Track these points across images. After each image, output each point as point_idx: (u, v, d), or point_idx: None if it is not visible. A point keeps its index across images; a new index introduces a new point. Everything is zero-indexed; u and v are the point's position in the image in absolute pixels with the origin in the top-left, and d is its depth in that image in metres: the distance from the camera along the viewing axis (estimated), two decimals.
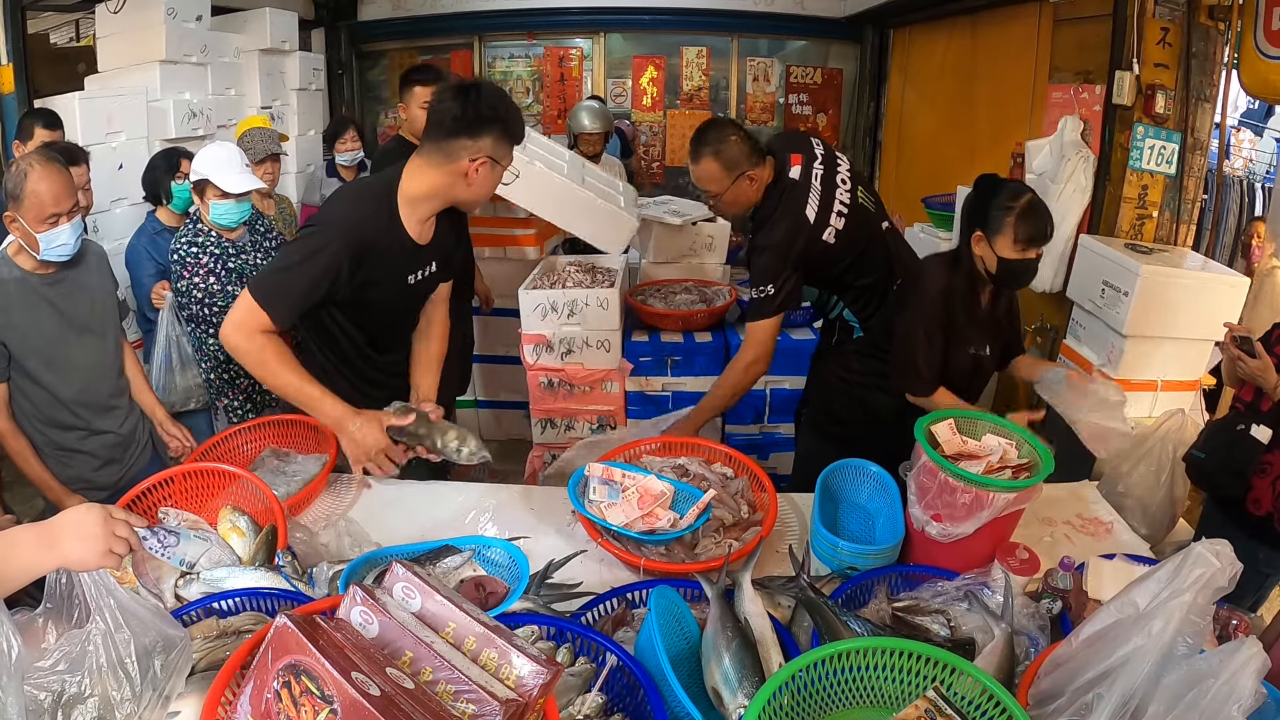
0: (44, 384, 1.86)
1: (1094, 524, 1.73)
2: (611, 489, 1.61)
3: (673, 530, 1.52)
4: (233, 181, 2.26)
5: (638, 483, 1.60)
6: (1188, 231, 2.86)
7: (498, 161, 1.61)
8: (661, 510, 1.56)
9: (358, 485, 1.79)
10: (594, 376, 3.04)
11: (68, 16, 4.49)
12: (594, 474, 1.64)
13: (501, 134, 1.59)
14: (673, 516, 1.55)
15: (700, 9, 5.37)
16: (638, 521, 1.52)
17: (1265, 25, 2.33)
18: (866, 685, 1.07)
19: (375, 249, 1.61)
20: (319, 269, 1.55)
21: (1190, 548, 0.96)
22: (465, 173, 1.59)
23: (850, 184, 2.13)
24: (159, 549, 1.30)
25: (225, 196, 2.27)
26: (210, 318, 2.30)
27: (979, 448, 1.46)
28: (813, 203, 2.05)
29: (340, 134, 3.82)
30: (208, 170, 2.25)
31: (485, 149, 1.58)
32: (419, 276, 1.76)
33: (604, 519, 1.52)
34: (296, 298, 1.56)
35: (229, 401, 2.42)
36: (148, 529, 1.22)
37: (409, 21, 5.46)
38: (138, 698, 1.06)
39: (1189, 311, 2.44)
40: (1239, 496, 1.96)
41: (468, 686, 0.86)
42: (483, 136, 1.57)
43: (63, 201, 1.72)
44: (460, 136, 1.56)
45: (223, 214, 2.29)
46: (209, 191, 2.27)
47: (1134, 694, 0.92)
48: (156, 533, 1.30)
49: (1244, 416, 2.00)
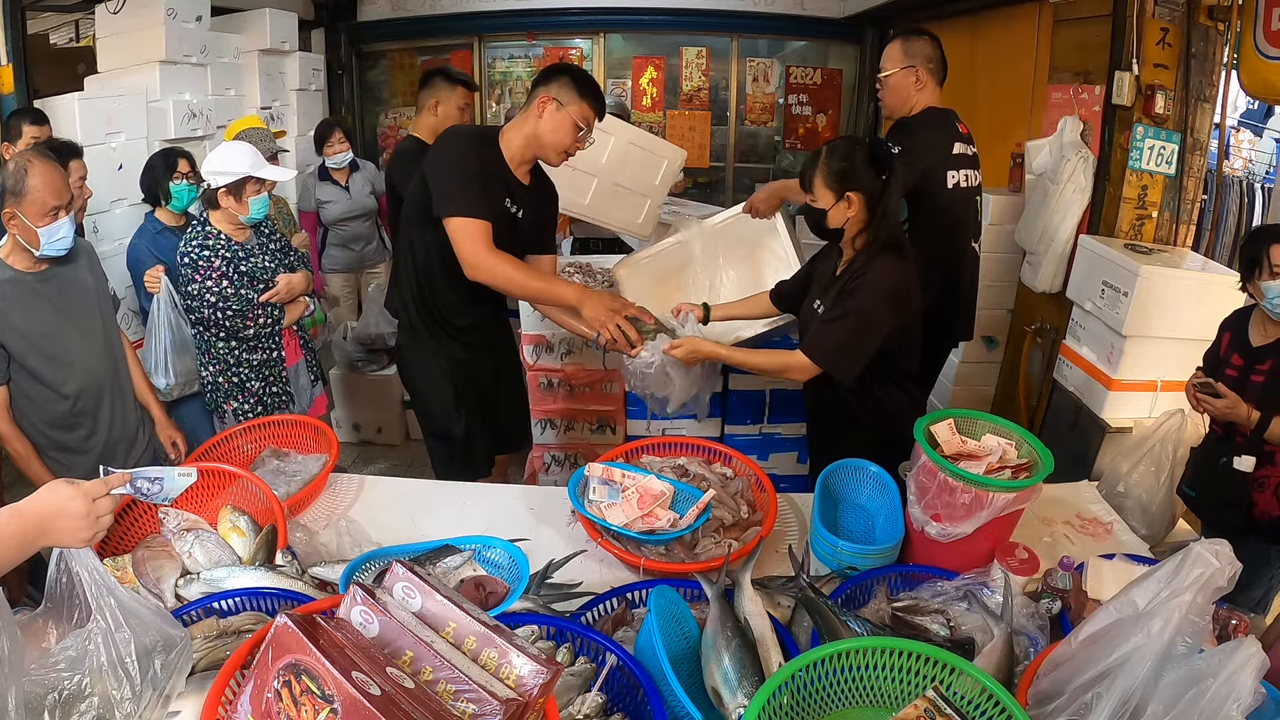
0: (45, 381, 1.86)
1: (1094, 524, 1.73)
2: (611, 489, 1.61)
3: (672, 530, 1.52)
4: (269, 172, 2.31)
5: (637, 483, 1.60)
6: (1187, 232, 2.86)
7: (563, 104, 1.89)
8: (661, 510, 1.56)
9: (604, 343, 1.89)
10: (594, 377, 3.04)
11: (68, 17, 4.48)
12: (594, 474, 1.65)
13: (569, 82, 1.90)
14: (672, 516, 1.55)
15: (700, 9, 5.37)
16: (637, 521, 1.52)
17: (1265, 25, 2.33)
18: (866, 685, 1.07)
19: (484, 168, 1.92)
20: (469, 165, 1.88)
21: (1190, 547, 0.96)
22: (540, 113, 1.91)
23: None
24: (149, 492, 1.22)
25: (260, 190, 2.28)
26: (223, 321, 2.29)
27: (979, 448, 1.46)
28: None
29: (327, 136, 3.83)
30: (247, 167, 2.23)
31: (553, 91, 1.89)
32: (512, 210, 2.01)
33: (604, 519, 1.52)
34: (473, 193, 1.86)
35: (238, 405, 2.40)
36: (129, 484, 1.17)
37: (409, 22, 5.45)
38: (138, 697, 1.06)
39: (1189, 311, 2.44)
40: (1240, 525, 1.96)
41: (468, 686, 0.86)
42: (551, 82, 1.91)
43: (62, 195, 1.77)
44: (537, 86, 1.94)
45: (260, 208, 2.30)
46: (248, 188, 2.25)
47: (1133, 693, 0.92)
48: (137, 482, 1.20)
49: (1223, 444, 1.99)
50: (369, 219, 3.99)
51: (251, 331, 2.34)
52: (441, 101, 2.81)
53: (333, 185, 3.86)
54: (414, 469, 3.69)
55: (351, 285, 4.08)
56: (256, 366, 2.40)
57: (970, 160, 2.28)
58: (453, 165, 1.89)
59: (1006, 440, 1.48)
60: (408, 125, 5.61)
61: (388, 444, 3.94)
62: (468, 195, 1.85)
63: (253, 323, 2.33)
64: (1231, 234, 5.22)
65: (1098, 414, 2.61)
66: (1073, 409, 2.76)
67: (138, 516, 1.56)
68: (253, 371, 2.40)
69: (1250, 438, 1.89)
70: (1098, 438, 2.60)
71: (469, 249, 1.85)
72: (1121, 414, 2.58)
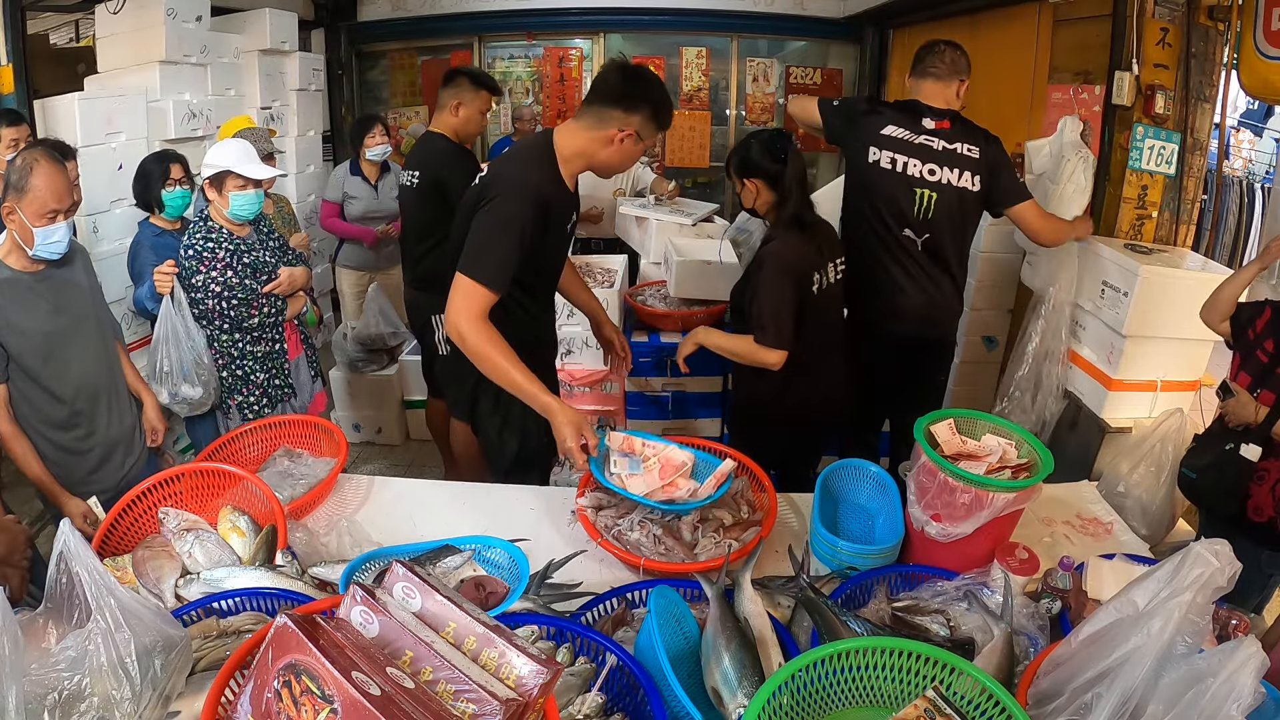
0: (42, 381, 1.86)
1: (1094, 524, 1.73)
2: (632, 461, 1.62)
3: (692, 500, 1.53)
4: (255, 169, 2.29)
5: (659, 452, 1.62)
6: (1187, 232, 2.86)
7: (642, 138, 1.79)
8: (682, 480, 1.57)
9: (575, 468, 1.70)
10: (594, 377, 3.04)
11: (68, 17, 4.49)
12: (615, 444, 1.66)
13: (651, 116, 1.78)
14: (692, 486, 1.56)
15: (700, 9, 5.36)
16: (658, 491, 1.54)
17: (1265, 25, 2.33)
18: (866, 685, 1.07)
19: (550, 203, 1.78)
20: (515, 233, 1.70)
21: (1189, 547, 0.96)
22: (612, 140, 1.77)
23: None
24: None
25: (245, 187, 2.28)
26: (227, 311, 2.28)
27: (979, 448, 1.46)
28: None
29: (369, 129, 3.80)
30: (229, 162, 2.25)
31: (634, 124, 1.76)
32: (572, 223, 1.95)
33: (625, 489, 1.54)
34: (508, 264, 1.70)
35: (243, 399, 2.40)
36: None
37: (409, 22, 5.45)
38: (138, 697, 1.06)
39: (1189, 311, 2.43)
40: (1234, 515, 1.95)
41: (468, 686, 0.86)
42: (635, 113, 1.75)
43: (63, 199, 1.78)
44: (616, 108, 1.75)
45: (243, 205, 2.29)
46: (229, 183, 2.26)
47: (1133, 693, 0.92)
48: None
49: (1231, 434, 1.98)
50: (389, 221, 3.96)
51: (256, 321, 2.34)
52: (464, 104, 2.79)
53: (363, 182, 3.82)
54: (414, 469, 3.69)
55: (362, 285, 4.05)
56: (260, 359, 2.41)
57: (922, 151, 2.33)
58: (507, 229, 1.70)
59: (1006, 440, 1.48)
60: (407, 125, 5.63)
61: (388, 444, 3.94)
62: (503, 267, 1.69)
63: (257, 312, 2.34)
64: (1231, 234, 5.23)
65: (1098, 414, 2.61)
66: (1073, 409, 2.76)
67: (138, 517, 1.56)
68: (257, 364, 2.40)
69: (1259, 429, 1.89)
70: (1098, 438, 2.59)
71: (464, 309, 1.67)
72: (1121, 414, 2.58)
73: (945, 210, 2.34)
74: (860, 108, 2.49)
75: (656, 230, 3.45)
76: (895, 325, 2.43)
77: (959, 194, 2.33)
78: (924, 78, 2.41)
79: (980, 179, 2.34)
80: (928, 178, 2.32)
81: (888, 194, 2.35)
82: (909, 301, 2.41)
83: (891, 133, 2.36)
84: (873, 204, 2.38)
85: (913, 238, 2.37)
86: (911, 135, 2.35)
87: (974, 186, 2.33)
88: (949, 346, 2.62)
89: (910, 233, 2.36)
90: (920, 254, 2.38)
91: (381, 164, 3.87)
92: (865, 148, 2.38)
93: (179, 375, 2.27)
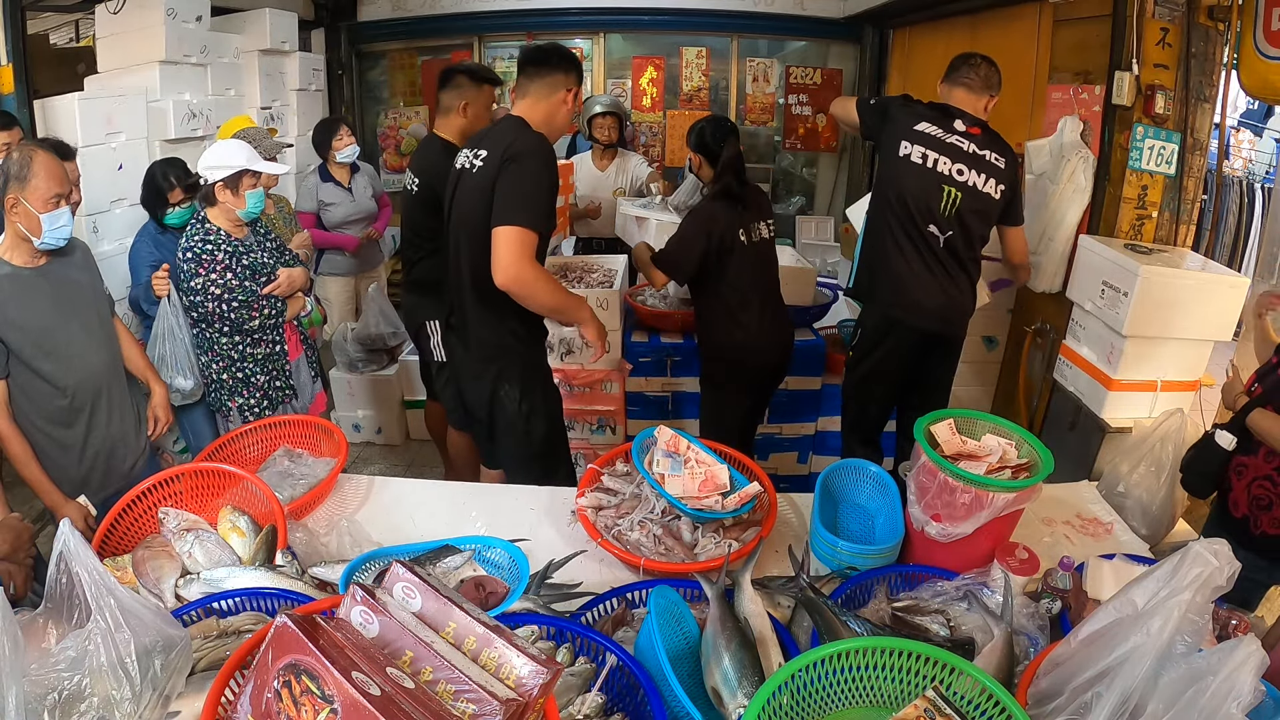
0: (44, 375, 1.86)
1: (1094, 524, 1.73)
2: (675, 461, 1.65)
3: (718, 510, 1.57)
4: (269, 165, 2.34)
5: (706, 466, 1.65)
6: (1187, 232, 2.86)
7: (578, 96, 2.07)
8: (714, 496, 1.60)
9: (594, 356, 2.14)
10: (593, 377, 3.04)
11: (68, 17, 4.48)
12: (661, 438, 1.70)
13: (576, 70, 2.08)
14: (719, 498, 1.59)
15: (700, 9, 5.37)
16: (693, 499, 1.57)
17: (1265, 25, 2.33)
18: (866, 685, 1.07)
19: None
20: (547, 182, 1.95)
21: (1189, 546, 0.96)
22: (565, 100, 2.04)
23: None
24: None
25: (256, 185, 2.30)
26: (227, 314, 2.29)
27: (979, 448, 1.46)
28: None
29: (335, 131, 3.75)
30: (243, 161, 2.27)
31: (573, 80, 2.05)
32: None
33: (662, 486, 1.57)
34: (547, 209, 1.96)
35: (243, 401, 2.40)
36: None
37: (409, 22, 5.45)
38: (138, 698, 1.06)
39: (1189, 312, 2.44)
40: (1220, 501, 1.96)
41: (468, 686, 0.86)
42: (570, 72, 2.05)
43: (64, 183, 1.82)
44: (556, 73, 2.03)
45: (256, 202, 2.32)
46: (244, 182, 2.28)
47: (1133, 692, 0.92)
48: None
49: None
50: (369, 222, 3.95)
51: (256, 323, 2.35)
52: (471, 103, 2.77)
53: (336, 186, 3.78)
54: (414, 469, 3.69)
55: (349, 291, 4.02)
56: (261, 361, 2.41)
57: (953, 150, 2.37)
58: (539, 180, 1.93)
59: (1006, 440, 1.48)
60: (407, 125, 5.63)
61: (388, 444, 3.94)
62: (545, 211, 1.93)
63: (258, 314, 2.34)
64: (1231, 234, 5.23)
65: (1098, 414, 2.61)
66: (1073, 409, 2.76)
67: (138, 517, 1.56)
68: (257, 366, 2.40)
69: (1235, 417, 1.90)
70: (1098, 438, 2.59)
71: (514, 254, 1.86)
72: (1121, 414, 2.58)
73: (968, 211, 2.39)
74: (895, 104, 2.54)
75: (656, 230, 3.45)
76: (915, 320, 2.47)
77: (983, 199, 2.38)
78: (956, 86, 2.46)
79: (1003, 190, 2.39)
80: (956, 177, 2.36)
81: (916, 189, 2.38)
82: (930, 298, 2.45)
83: (924, 129, 2.39)
84: (900, 197, 2.41)
85: (936, 234, 2.40)
86: (944, 134, 2.38)
87: (996, 195, 2.39)
88: (960, 345, 2.65)
89: (935, 229, 2.40)
90: (942, 250, 2.42)
91: (350, 165, 3.81)
92: (898, 142, 2.41)
93: (174, 368, 2.33)
